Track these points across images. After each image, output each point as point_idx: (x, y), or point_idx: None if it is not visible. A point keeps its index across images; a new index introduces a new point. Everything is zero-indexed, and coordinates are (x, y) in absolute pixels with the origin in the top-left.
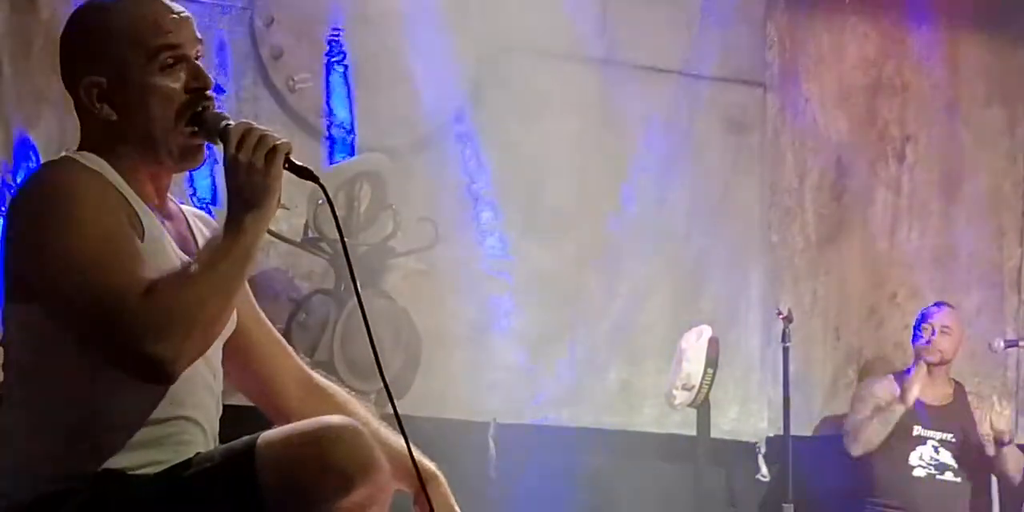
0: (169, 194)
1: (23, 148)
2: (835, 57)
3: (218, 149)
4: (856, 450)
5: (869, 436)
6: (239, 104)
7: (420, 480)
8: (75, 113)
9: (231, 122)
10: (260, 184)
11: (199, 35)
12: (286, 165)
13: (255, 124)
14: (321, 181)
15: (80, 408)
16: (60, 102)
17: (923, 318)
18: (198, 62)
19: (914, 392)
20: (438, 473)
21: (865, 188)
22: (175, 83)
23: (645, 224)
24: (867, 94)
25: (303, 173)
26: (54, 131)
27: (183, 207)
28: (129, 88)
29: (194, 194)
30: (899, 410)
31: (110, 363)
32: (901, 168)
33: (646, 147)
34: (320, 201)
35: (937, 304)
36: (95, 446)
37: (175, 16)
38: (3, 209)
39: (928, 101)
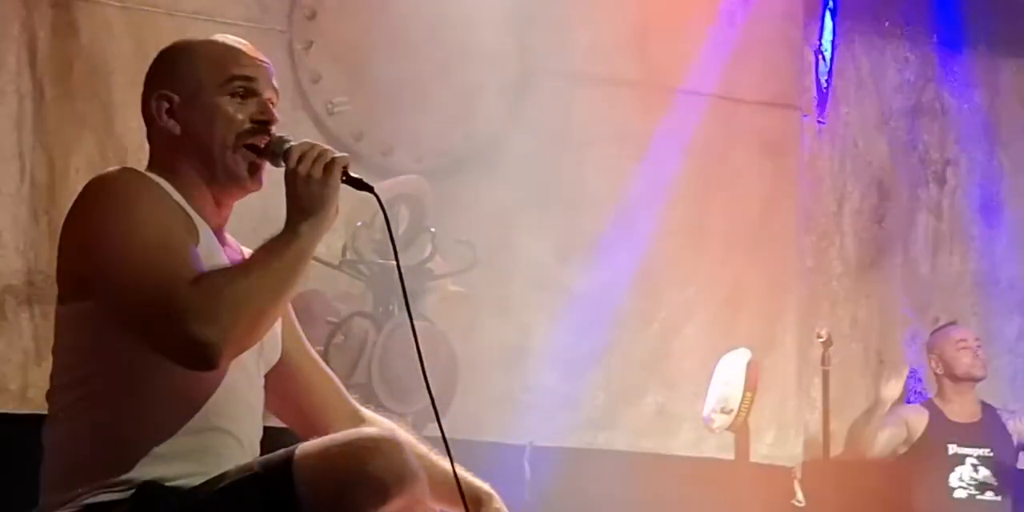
0: (227, 229)
1: None
2: (874, 81)
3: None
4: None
5: (881, 443)
6: (277, 127)
7: (464, 502)
8: (145, 135)
9: (293, 143)
10: (317, 193)
11: (276, 85)
12: (343, 177)
13: (316, 142)
14: (376, 192)
15: (121, 416)
16: (100, 126)
17: (952, 340)
18: (270, 103)
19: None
20: (493, 493)
21: (905, 212)
22: (241, 112)
23: (682, 248)
24: (906, 118)
25: (360, 185)
26: (95, 155)
27: (240, 245)
28: (197, 106)
29: None
30: (885, 407)
31: (158, 348)
32: (941, 192)
33: (684, 171)
34: (359, 223)
35: (951, 325)
36: (134, 454)
37: (256, 59)
38: None
39: (968, 125)
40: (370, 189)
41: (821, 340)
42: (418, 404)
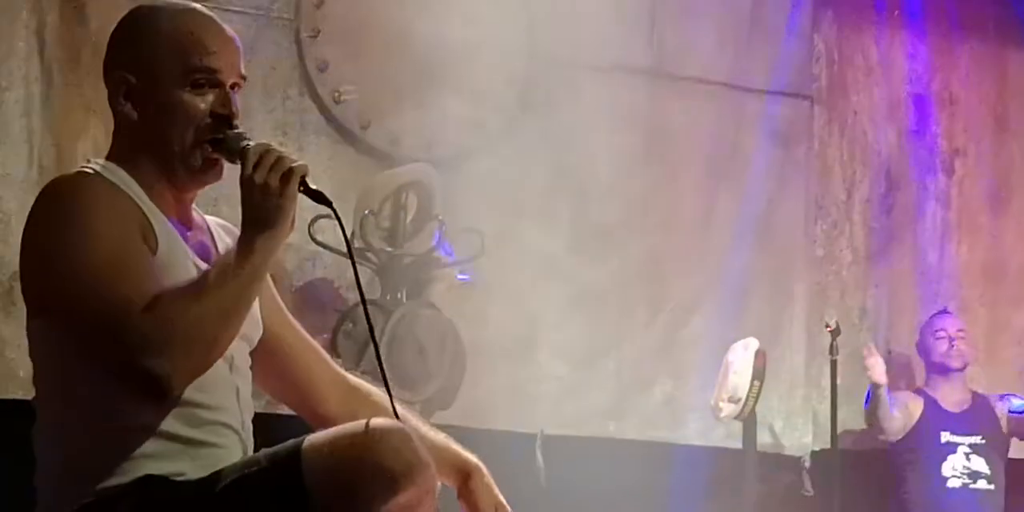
0: (194, 205)
1: None
2: (883, 70)
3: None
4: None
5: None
6: (285, 116)
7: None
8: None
9: (251, 142)
10: (274, 205)
11: (243, 70)
12: (301, 188)
13: (274, 145)
14: (334, 206)
15: (109, 418)
16: (108, 112)
17: (932, 328)
18: (233, 92)
19: (878, 371)
20: (480, 465)
21: (914, 201)
22: (202, 103)
23: (691, 237)
24: (916, 107)
25: (317, 197)
26: (102, 142)
27: (207, 217)
28: (155, 95)
29: None
30: (880, 392)
31: (115, 376)
32: (950, 182)
33: (693, 160)
34: (367, 211)
35: (941, 312)
36: (128, 455)
37: (224, 40)
38: None
39: (977, 114)
40: (328, 203)
41: (829, 330)
42: (426, 392)
